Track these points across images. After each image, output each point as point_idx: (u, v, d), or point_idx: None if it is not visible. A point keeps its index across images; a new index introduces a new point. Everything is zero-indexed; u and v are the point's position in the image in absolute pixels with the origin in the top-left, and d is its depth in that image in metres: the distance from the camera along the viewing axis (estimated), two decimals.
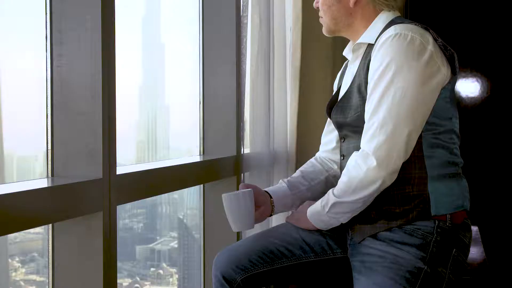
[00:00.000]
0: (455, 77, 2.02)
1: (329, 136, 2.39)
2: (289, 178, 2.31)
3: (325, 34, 2.22)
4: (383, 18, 2.10)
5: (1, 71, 1.80)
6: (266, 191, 2.23)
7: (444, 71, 1.97)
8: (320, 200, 2.02)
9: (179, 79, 2.91)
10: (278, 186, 2.27)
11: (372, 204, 1.98)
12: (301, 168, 2.36)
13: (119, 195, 1.87)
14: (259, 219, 2.18)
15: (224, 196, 2.12)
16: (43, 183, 1.73)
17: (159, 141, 2.76)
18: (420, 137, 1.97)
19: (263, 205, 2.19)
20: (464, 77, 4.37)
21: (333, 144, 2.36)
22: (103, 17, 1.79)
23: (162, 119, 2.80)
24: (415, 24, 2.01)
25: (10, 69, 1.84)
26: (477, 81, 4.38)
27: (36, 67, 1.90)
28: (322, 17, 2.18)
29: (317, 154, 2.41)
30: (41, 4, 1.84)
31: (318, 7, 2.20)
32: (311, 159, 2.39)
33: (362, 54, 2.09)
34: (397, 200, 1.98)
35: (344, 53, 2.25)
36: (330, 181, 2.32)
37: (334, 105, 2.19)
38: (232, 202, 2.10)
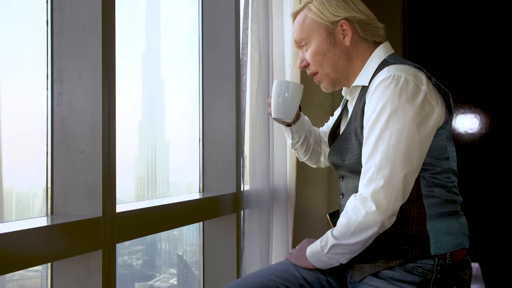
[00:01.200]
0: (451, 117, 2.02)
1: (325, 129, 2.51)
2: None
3: (327, 91, 2.22)
4: (376, 58, 2.11)
5: (1, 108, 1.80)
6: None
7: (439, 111, 1.97)
8: (319, 240, 2.02)
9: (179, 115, 2.92)
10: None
11: (371, 244, 1.97)
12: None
13: (118, 233, 1.86)
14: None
15: (275, 81, 2.26)
16: (43, 221, 1.72)
17: (158, 177, 2.76)
18: (418, 177, 1.97)
19: None
20: (462, 113, 4.37)
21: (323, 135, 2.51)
22: (104, 54, 1.80)
23: (162, 155, 2.80)
24: (408, 64, 2.02)
25: (10, 106, 1.85)
26: (476, 117, 4.38)
27: (37, 104, 1.91)
28: (317, 73, 2.18)
29: None
30: (42, 42, 1.85)
31: (305, 66, 2.19)
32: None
33: (357, 97, 2.10)
34: (397, 239, 1.97)
35: (342, 93, 2.26)
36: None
37: (334, 135, 2.21)
38: (282, 88, 2.24)
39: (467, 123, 4.38)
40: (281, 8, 3.02)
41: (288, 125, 2.40)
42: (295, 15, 2.21)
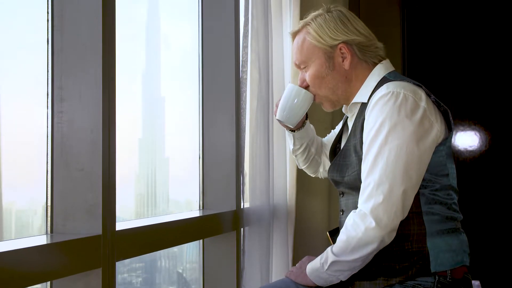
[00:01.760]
0: (450, 133, 2.03)
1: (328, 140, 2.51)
2: None
3: (328, 110, 2.23)
4: (375, 75, 2.11)
5: (2, 125, 1.81)
6: None
7: (438, 127, 1.98)
8: (319, 257, 2.02)
9: (178, 132, 2.92)
10: None
11: (371, 261, 1.97)
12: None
13: (118, 251, 1.86)
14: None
15: (289, 84, 2.29)
16: (42, 240, 1.72)
17: (158, 193, 2.76)
18: (418, 193, 1.97)
19: None
20: (462, 130, 4.37)
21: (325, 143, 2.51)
22: (104, 72, 1.80)
23: (162, 172, 2.80)
24: (407, 81, 2.02)
25: (11, 124, 1.85)
26: (476, 134, 4.38)
27: (37, 122, 1.91)
28: (316, 95, 2.19)
29: None
30: (42, 60, 1.86)
31: (306, 87, 2.21)
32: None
33: (356, 113, 2.11)
34: (396, 256, 1.97)
35: (343, 110, 2.26)
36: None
37: (335, 150, 2.21)
38: (293, 93, 2.26)
39: (467, 140, 4.38)
40: (281, 26, 3.03)
41: (292, 130, 2.41)
42: (294, 35, 2.22)
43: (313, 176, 2.61)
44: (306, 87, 2.21)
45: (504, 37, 4.33)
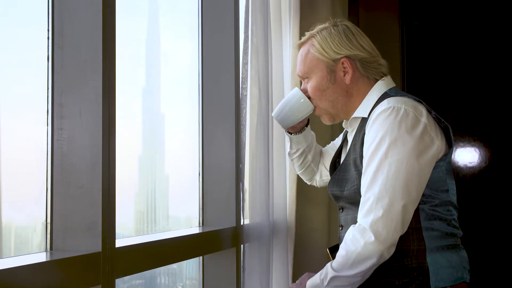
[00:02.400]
0: (451, 150, 2.03)
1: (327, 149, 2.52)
2: None
3: (327, 123, 2.24)
4: (376, 91, 2.12)
5: (1, 142, 1.81)
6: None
7: (439, 143, 1.98)
8: (319, 273, 2.01)
9: (178, 149, 2.92)
10: None
11: (371, 276, 1.97)
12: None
13: (118, 268, 1.86)
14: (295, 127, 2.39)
15: (295, 88, 2.31)
16: (42, 257, 1.72)
17: (158, 210, 2.76)
18: (417, 209, 1.97)
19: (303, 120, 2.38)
20: (462, 146, 4.37)
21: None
22: (104, 89, 1.81)
23: (162, 189, 2.80)
24: (408, 97, 2.03)
25: (11, 140, 1.85)
26: (475, 150, 4.38)
27: (37, 139, 1.92)
28: (316, 107, 2.20)
29: None
30: (43, 77, 1.87)
31: (307, 97, 2.22)
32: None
33: (357, 128, 2.11)
34: (396, 272, 1.97)
35: (343, 125, 2.27)
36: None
37: (335, 164, 2.21)
38: (295, 98, 2.28)
39: (467, 156, 4.38)
40: (280, 43, 3.04)
41: (290, 132, 2.42)
42: (299, 46, 2.23)
43: (309, 183, 2.62)
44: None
45: (503, 53, 4.34)
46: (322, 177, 2.52)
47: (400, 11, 4.44)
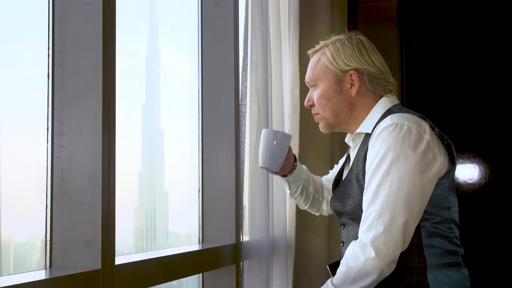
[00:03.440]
0: (453, 167, 2.03)
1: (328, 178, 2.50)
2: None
3: (324, 131, 2.24)
4: (380, 107, 2.13)
5: (1, 159, 1.81)
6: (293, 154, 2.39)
7: (441, 160, 1.98)
8: None
9: (178, 165, 2.92)
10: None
11: None
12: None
13: (117, 285, 1.85)
14: (283, 168, 2.34)
15: (264, 130, 2.28)
16: (41, 275, 1.71)
17: (158, 226, 2.75)
18: (419, 226, 1.97)
19: (288, 158, 2.33)
20: (461, 163, 4.36)
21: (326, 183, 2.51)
22: (104, 106, 1.81)
23: (161, 205, 2.80)
24: (411, 113, 2.03)
25: (11, 157, 1.85)
26: (475, 167, 4.36)
27: (37, 156, 1.92)
28: (318, 114, 2.20)
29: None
30: (43, 94, 1.87)
31: (310, 106, 2.22)
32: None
33: (360, 143, 2.11)
34: None
35: (346, 140, 2.27)
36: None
37: (336, 185, 2.21)
38: (270, 137, 2.26)
39: (467, 173, 4.36)
40: (279, 60, 3.05)
41: (284, 175, 2.41)
42: (312, 54, 2.24)
43: (317, 214, 2.59)
44: (311, 106, 2.22)
45: (503, 71, 4.34)
46: (328, 205, 2.50)
47: (399, 28, 4.45)
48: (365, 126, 2.11)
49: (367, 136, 2.08)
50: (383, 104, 2.14)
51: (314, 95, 2.20)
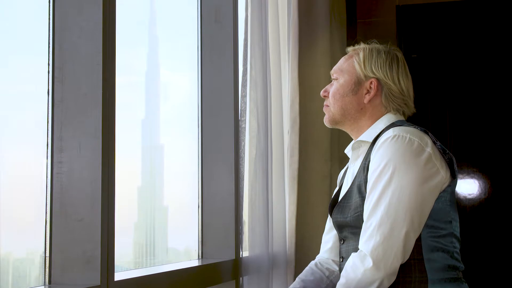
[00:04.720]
0: (454, 181, 2.03)
1: (329, 234, 2.37)
2: None
3: (326, 124, 2.24)
4: (385, 120, 2.14)
5: (1, 175, 1.81)
6: None
7: (443, 173, 1.98)
8: None
9: (178, 181, 2.92)
10: None
11: None
12: (301, 276, 2.33)
13: None
14: None
15: None
16: None
17: (157, 242, 2.75)
18: (420, 239, 1.96)
19: None
20: (461, 177, 4.35)
21: (331, 243, 2.34)
22: (104, 123, 1.82)
23: (161, 220, 2.80)
24: (414, 127, 2.04)
25: (10, 173, 1.86)
26: (475, 182, 4.36)
27: (36, 172, 1.92)
28: (328, 106, 2.21)
29: (318, 257, 2.38)
30: (43, 111, 1.87)
31: (325, 96, 2.23)
32: (310, 264, 2.37)
33: (364, 154, 2.11)
34: None
35: (345, 151, 2.27)
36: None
37: (335, 204, 2.20)
38: None
39: (467, 187, 4.35)
40: (279, 75, 3.06)
41: None
42: (350, 50, 2.26)
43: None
44: (325, 97, 2.22)
45: (503, 85, 4.35)
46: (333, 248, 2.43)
47: (398, 43, 4.46)
48: (366, 135, 2.12)
49: (369, 148, 2.09)
50: (388, 118, 2.15)
51: (332, 88, 2.22)
